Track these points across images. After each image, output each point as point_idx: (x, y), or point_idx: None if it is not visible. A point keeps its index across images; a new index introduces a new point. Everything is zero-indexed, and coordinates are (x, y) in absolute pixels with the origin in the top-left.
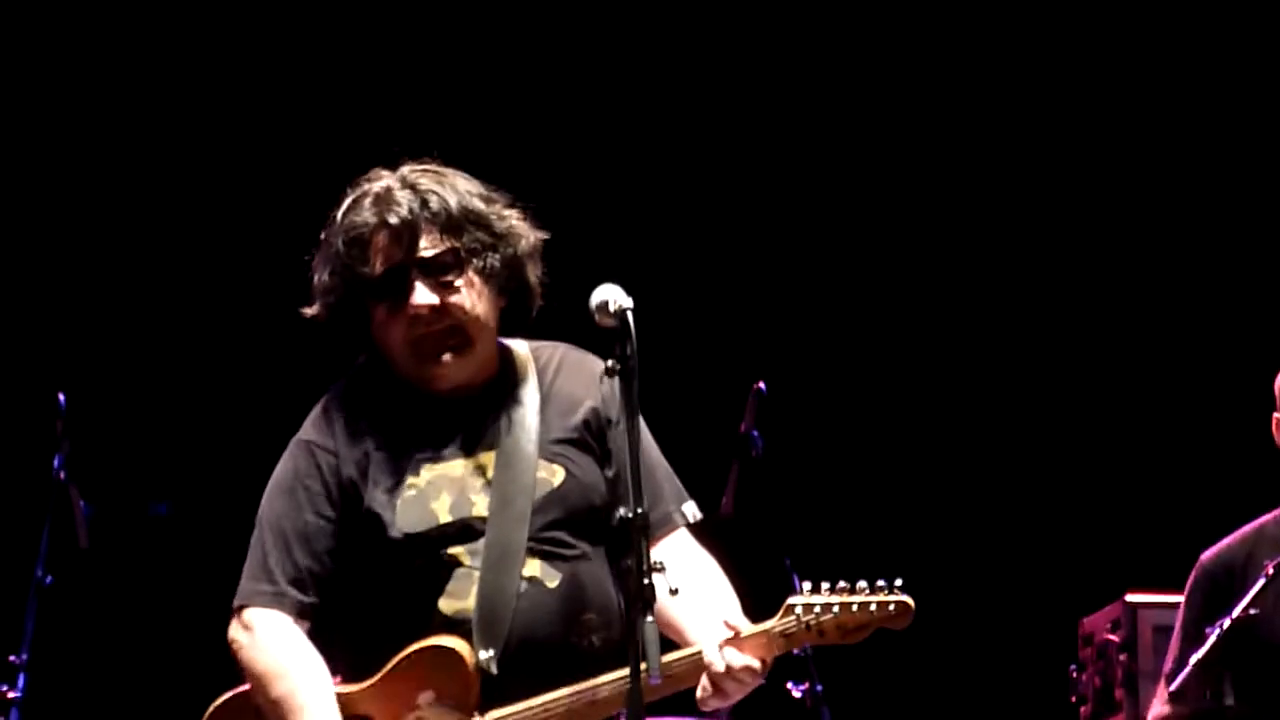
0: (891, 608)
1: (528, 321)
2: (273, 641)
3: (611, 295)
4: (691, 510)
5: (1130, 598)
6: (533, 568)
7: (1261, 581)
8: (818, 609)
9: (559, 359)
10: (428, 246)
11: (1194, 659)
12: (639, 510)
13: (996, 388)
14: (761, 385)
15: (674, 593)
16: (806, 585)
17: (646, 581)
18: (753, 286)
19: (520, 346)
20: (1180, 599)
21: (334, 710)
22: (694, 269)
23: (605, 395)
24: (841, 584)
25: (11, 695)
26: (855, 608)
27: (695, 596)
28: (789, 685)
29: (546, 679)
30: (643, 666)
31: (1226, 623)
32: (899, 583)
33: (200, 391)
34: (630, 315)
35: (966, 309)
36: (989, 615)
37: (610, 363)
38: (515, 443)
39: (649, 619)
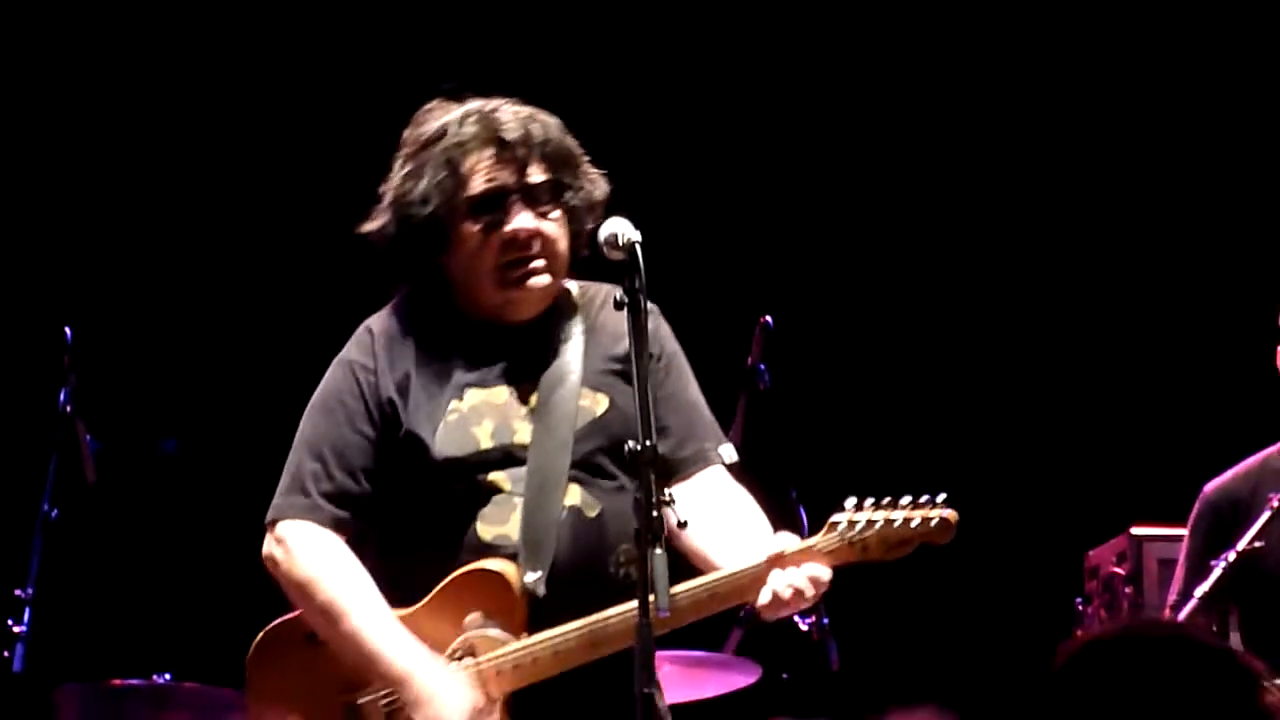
0: (934, 523)
1: (574, 263)
2: (309, 549)
3: (620, 228)
4: (728, 452)
5: (1135, 530)
6: (573, 495)
7: (1267, 514)
8: (861, 524)
9: (604, 295)
10: (534, 173)
11: (1198, 592)
12: (647, 443)
13: (1001, 322)
14: (768, 319)
15: (682, 525)
16: (850, 501)
17: (655, 514)
18: (760, 220)
19: (569, 284)
20: (1185, 531)
21: (383, 607)
22: (701, 202)
23: (651, 332)
24: (884, 500)
25: (17, 630)
26: (898, 523)
27: (731, 529)
28: (796, 619)
29: (588, 604)
30: (651, 599)
31: (1231, 555)
32: (942, 497)
33: (208, 328)
34: (639, 248)
35: (972, 246)
36: (995, 548)
37: (619, 295)
38: (560, 371)
39: (658, 551)
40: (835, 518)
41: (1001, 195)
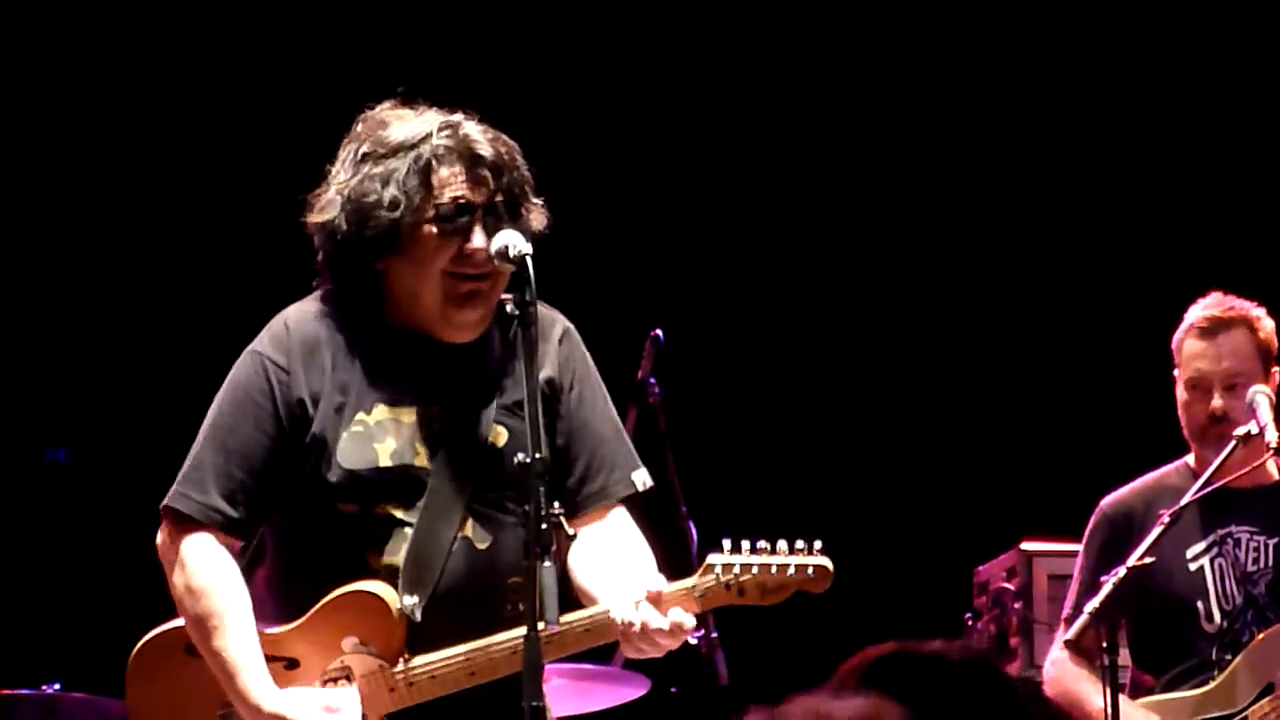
0: (811, 571)
1: None
2: (198, 559)
3: (511, 240)
4: (641, 478)
5: (1025, 545)
6: (467, 527)
7: (1158, 530)
8: (737, 569)
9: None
10: (496, 193)
11: (1089, 608)
12: (537, 455)
13: (893, 337)
14: (659, 332)
15: (571, 538)
16: (726, 544)
17: (544, 527)
18: (652, 233)
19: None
20: (1075, 546)
21: (251, 629)
22: (594, 215)
23: (563, 359)
24: (761, 544)
25: None
26: (775, 569)
27: (613, 570)
28: None
29: (469, 634)
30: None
31: (1122, 571)
32: (819, 545)
33: (102, 331)
34: (530, 261)
35: (862, 260)
36: (885, 563)
37: (509, 308)
38: (471, 400)
39: (546, 564)
40: (712, 559)
41: (889, 207)
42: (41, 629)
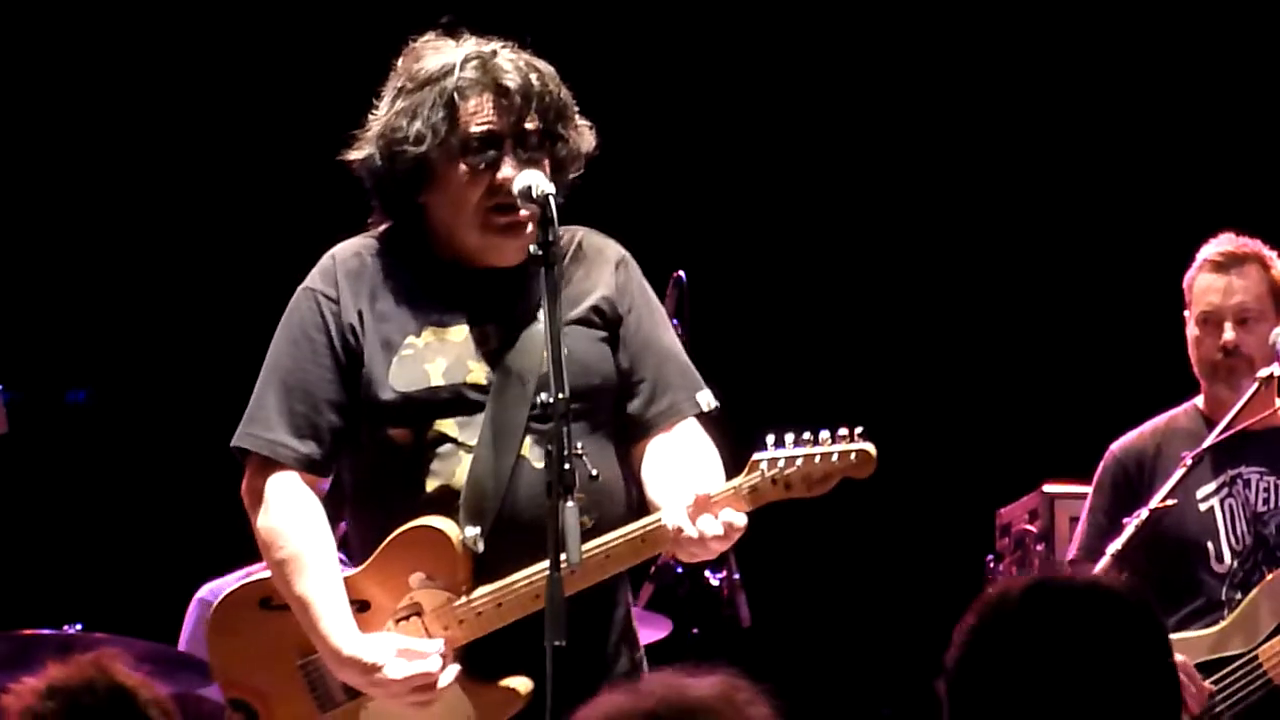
0: (854, 457)
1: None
2: (281, 500)
3: (534, 181)
4: (706, 399)
5: (1047, 488)
6: (525, 446)
7: (1180, 471)
8: (782, 463)
9: (578, 242)
10: (528, 122)
11: (1111, 549)
12: (559, 395)
13: (915, 280)
14: (681, 274)
15: (594, 478)
16: (770, 439)
17: (567, 467)
18: (675, 174)
19: None
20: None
21: (332, 571)
22: (616, 155)
23: (620, 284)
24: (805, 435)
25: None
26: (819, 458)
27: (676, 481)
28: (707, 574)
29: (532, 556)
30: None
31: (1145, 512)
32: (860, 430)
33: (123, 270)
34: (552, 201)
35: (886, 204)
36: (906, 505)
37: (532, 248)
38: (527, 318)
39: (569, 504)
40: (756, 456)
41: (913, 151)
42: (63, 569)
